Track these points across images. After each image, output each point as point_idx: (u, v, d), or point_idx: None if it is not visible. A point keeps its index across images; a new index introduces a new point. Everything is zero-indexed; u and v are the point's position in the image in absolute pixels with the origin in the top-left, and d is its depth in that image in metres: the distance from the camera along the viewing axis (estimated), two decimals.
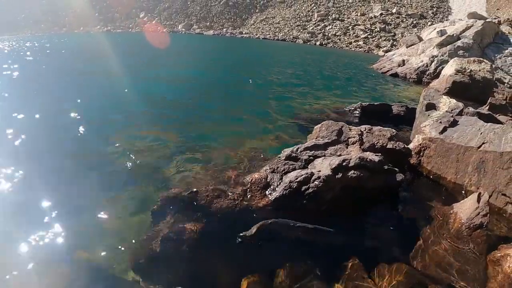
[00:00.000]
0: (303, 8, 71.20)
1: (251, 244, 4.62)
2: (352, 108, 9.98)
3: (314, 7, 70.70)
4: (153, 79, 16.72)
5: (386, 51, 43.91)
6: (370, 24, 62.77)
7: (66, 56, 26.08)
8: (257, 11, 73.97)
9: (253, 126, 9.13)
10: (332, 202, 4.71)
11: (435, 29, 27.90)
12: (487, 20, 26.18)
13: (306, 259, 4.39)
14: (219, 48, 41.30)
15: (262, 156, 6.71)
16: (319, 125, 6.38)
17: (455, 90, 15.57)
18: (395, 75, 22.77)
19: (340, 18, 66.33)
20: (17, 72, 16.52)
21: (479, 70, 16.60)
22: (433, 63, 21.43)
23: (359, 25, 62.99)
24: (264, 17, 71.09)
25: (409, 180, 6.13)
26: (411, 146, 6.65)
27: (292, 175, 4.80)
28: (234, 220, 4.95)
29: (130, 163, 6.98)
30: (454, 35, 22.86)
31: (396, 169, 5.33)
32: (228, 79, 18.10)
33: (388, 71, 23.80)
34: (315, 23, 65.02)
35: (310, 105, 11.57)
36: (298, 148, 5.53)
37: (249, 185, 5.22)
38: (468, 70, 16.46)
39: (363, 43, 55.83)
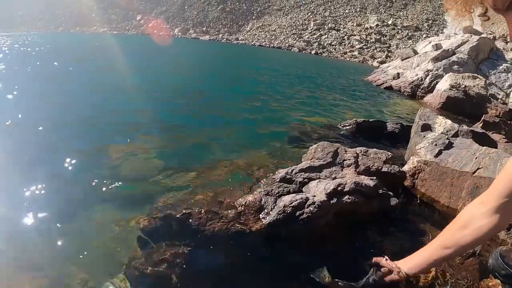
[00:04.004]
0: (300, 16, 71.52)
1: (242, 270, 4.57)
2: (347, 125, 9.96)
3: (311, 16, 71.07)
4: (147, 86, 16.66)
5: (381, 62, 44.25)
6: (366, 34, 63.19)
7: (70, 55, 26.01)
8: (253, 18, 74.22)
9: (245, 144, 9.04)
10: (326, 227, 4.68)
11: (430, 42, 28.10)
12: (482, 35, 26.36)
13: (298, 284, 4.34)
14: (215, 54, 41.32)
15: (255, 177, 6.65)
16: (315, 146, 6.35)
17: (449, 105, 15.72)
18: (390, 88, 22.85)
19: (336, 27, 66.69)
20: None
21: (474, 86, 16.74)
22: (427, 77, 21.52)
23: (355, 35, 63.39)
24: (261, 24, 71.32)
25: (403, 203, 6.11)
26: (406, 168, 6.63)
27: (286, 200, 4.76)
28: (227, 244, 4.89)
29: (118, 177, 6.88)
30: (450, 49, 23.00)
31: (390, 193, 5.31)
32: (222, 89, 18.07)
33: (382, 83, 23.88)
34: (311, 32, 65.32)
35: (304, 120, 11.52)
36: (293, 170, 5.50)
37: (242, 208, 5.16)
38: (463, 86, 16.61)
39: (358, 53, 56.18)
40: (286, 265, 4.59)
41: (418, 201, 6.46)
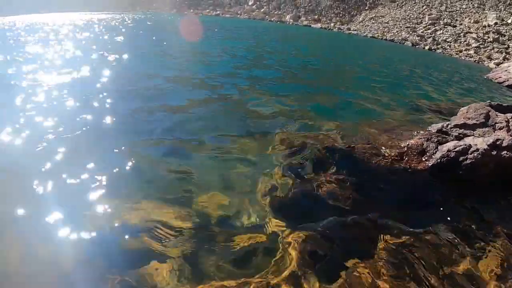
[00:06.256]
0: (414, 9, 69.49)
1: (402, 204, 5.15)
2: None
3: (426, 10, 68.76)
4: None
5: (497, 64, 42.20)
6: (483, 33, 60.07)
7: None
8: (366, 8, 73.16)
9: (392, 109, 9.95)
10: (485, 178, 5.20)
11: None
12: None
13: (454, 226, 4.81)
14: (331, 42, 41.66)
15: (406, 130, 7.41)
16: (466, 107, 7.07)
17: None
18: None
19: (452, 23, 64.07)
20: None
21: None
22: None
23: (471, 33, 60.44)
24: (373, 15, 70.20)
25: None
26: None
27: (450, 145, 5.49)
28: (392, 179, 5.57)
29: (276, 117, 7.89)
30: None
31: None
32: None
33: (504, 81, 23.42)
34: (426, 27, 63.32)
35: (437, 100, 12.19)
36: (448, 124, 6.25)
37: (405, 149, 5.92)
38: None
39: (474, 52, 53.51)
40: (445, 207, 5.16)
41: None
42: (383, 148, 6.15)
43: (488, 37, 58.69)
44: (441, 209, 5.15)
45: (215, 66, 14.67)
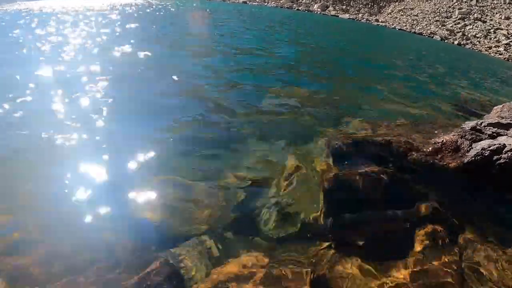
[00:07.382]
0: (444, 2, 68.29)
1: (437, 198, 5.33)
2: None
3: (456, 3, 67.56)
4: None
5: None
6: None
7: None
8: (395, 0, 72.29)
9: (427, 105, 10.17)
10: None
11: None
12: None
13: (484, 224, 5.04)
14: (363, 35, 41.36)
15: (440, 126, 7.58)
16: (500, 106, 7.23)
17: None
18: None
19: (482, 18, 62.86)
20: None
21: None
22: None
23: (502, 29, 59.24)
24: (403, 7, 69.28)
25: None
26: None
27: (484, 143, 5.69)
28: (427, 175, 5.75)
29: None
30: None
31: None
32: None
33: None
34: (455, 21, 62.28)
35: (469, 97, 12.39)
36: (482, 122, 6.43)
37: (440, 146, 6.10)
38: None
39: (504, 49, 52.43)
40: (479, 205, 5.31)
41: None
42: (418, 143, 6.33)
43: None
44: (475, 207, 5.31)
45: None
